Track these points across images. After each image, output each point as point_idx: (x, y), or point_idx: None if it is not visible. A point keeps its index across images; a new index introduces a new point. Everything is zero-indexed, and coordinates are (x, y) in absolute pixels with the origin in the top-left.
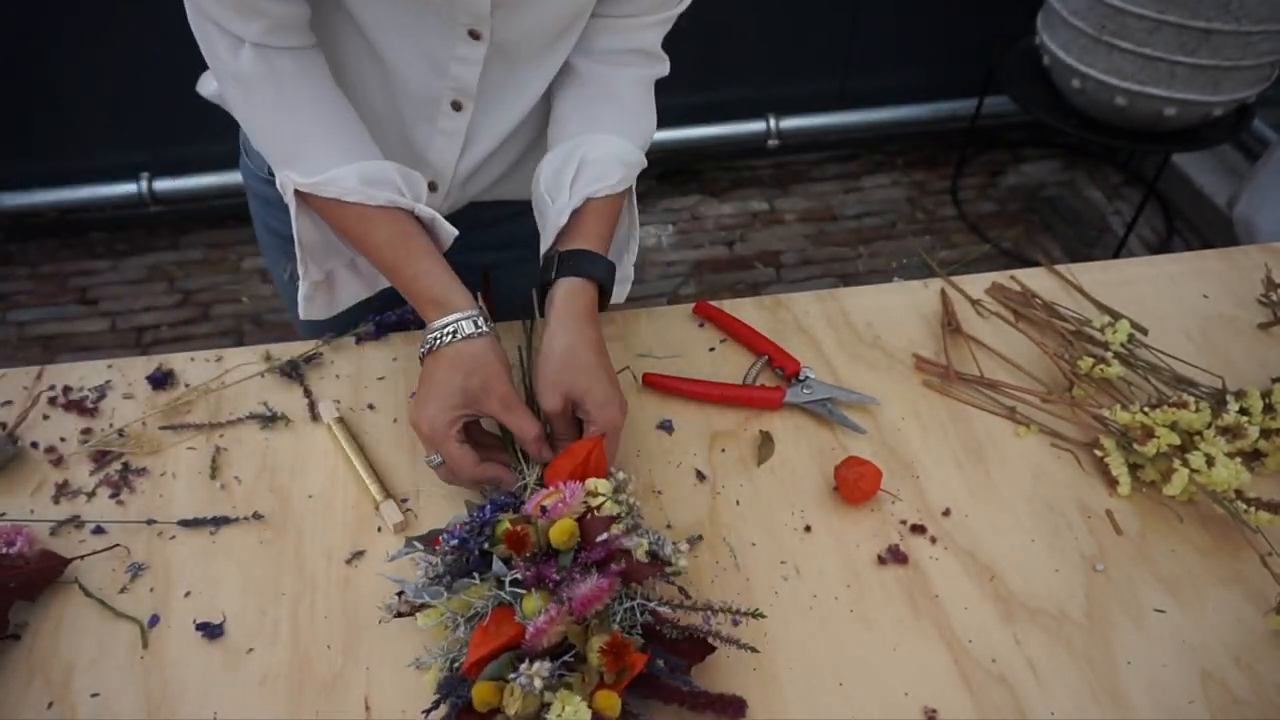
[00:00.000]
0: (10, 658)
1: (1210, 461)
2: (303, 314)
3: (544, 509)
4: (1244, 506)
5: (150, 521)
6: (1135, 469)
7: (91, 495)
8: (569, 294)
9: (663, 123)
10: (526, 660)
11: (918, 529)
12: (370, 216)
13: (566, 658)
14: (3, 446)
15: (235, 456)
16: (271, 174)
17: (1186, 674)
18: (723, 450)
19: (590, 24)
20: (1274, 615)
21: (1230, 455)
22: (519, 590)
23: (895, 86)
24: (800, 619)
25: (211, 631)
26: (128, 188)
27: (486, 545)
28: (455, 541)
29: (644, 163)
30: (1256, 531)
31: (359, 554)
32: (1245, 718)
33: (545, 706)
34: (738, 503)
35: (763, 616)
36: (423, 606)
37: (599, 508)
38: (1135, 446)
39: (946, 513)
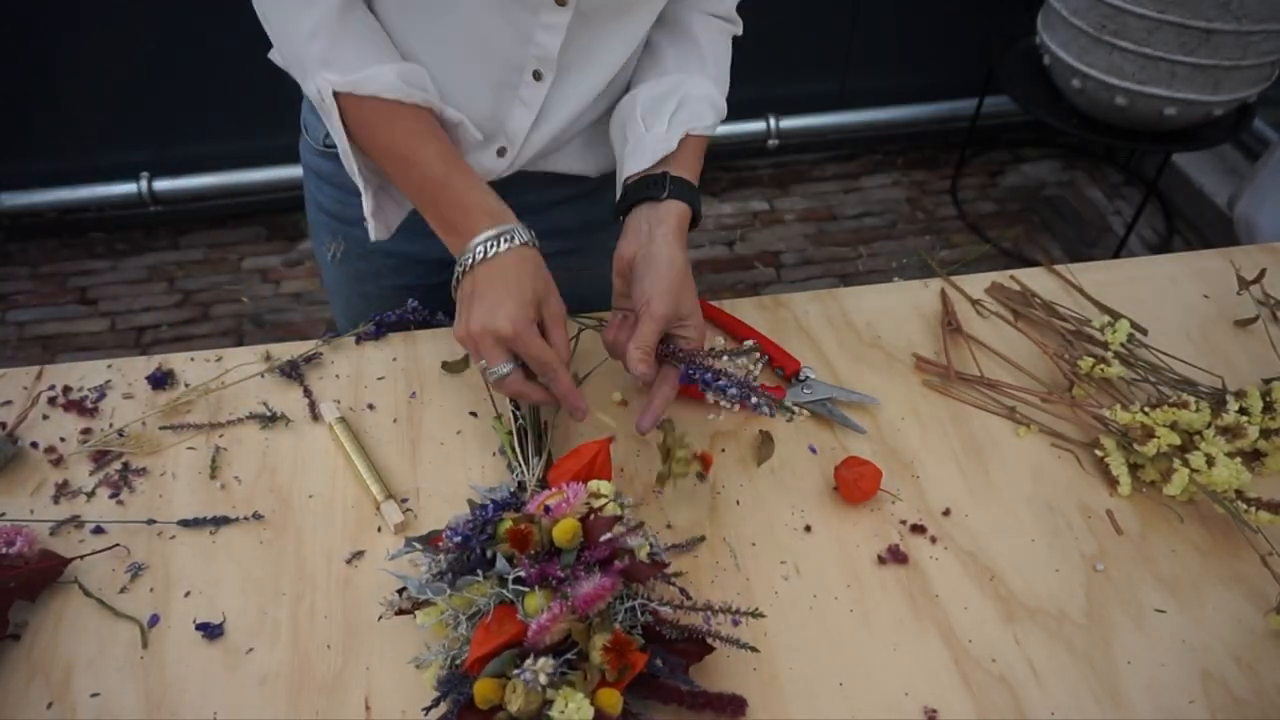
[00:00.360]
0: (10, 658)
1: (1210, 461)
2: (374, 234)
3: (547, 508)
4: (1244, 506)
5: (150, 521)
6: (1135, 469)
7: (91, 495)
8: (681, 217)
9: None
10: (531, 657)
11: (918, 529)
12: (417, 128)
13: (569, 655)
14: (2, 446)
15: (235, 456)
16: (328, 143)
17: (1186, 674)
18: (723, 450)
19: None
20: (1274, 615)
21: (1230, 455)
22: (521, 588)
23: (895, 86)
24: (800, 619)
25: (211, 631)
26: (128, 188)
27: (488, 543)
28: (458, 539)
29: (725, 112)
30: (1257, 531)
31: (359, 554)
32: (1245, 718)
33: (546, 704)
34: (738, 503)
35: (762, 616)
36: (424, 604)
37: (601, 509)
38: (1135, 446)
39: (946, 513)
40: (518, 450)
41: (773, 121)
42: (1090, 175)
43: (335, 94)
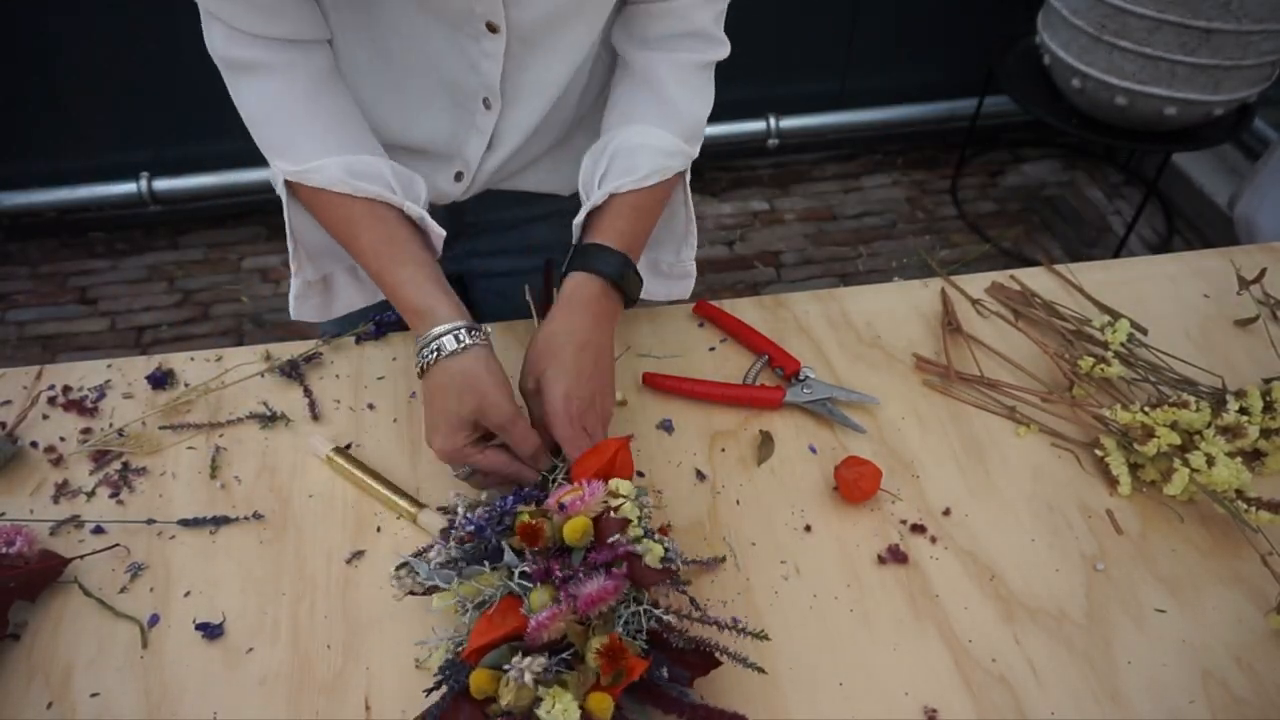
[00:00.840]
0: (10, 658)
1: (1210, 461)
2: (293, 313)
3: (562, 505)
4: (1244, 506)
5: (150, 521)
6: (1135, 469)
7: (91, 495)
8: (572, 287)
9: None
10: (520, 654)
11: (918, 529)
12: (356, 215)
13: (565, 655)
14: (2, 446)
15: (235, 456)
16: None
17: (1187, 674)
18: (723, 450)
19: (639, 11)
20: (1274, 615)
21: (1230, 455)
22: (528, 583)
23: (895, 86)
24: (800, 619)
25: (211, 631)
26: (128, 188)
27: (503, 535)
28: (472, 528)
29: (687, 150)
30: (1257, 531)
31: (359, 554)
32: (1245, 718)
33: (539, 702)
34: (738, 502)
35: (767, 639)
36: (436, 588)
37: (618, 509)
38: (1135, 446)
39: (946, 512)
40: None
41: (773, 121)
42: (1090, 175)
43: (285, 181)
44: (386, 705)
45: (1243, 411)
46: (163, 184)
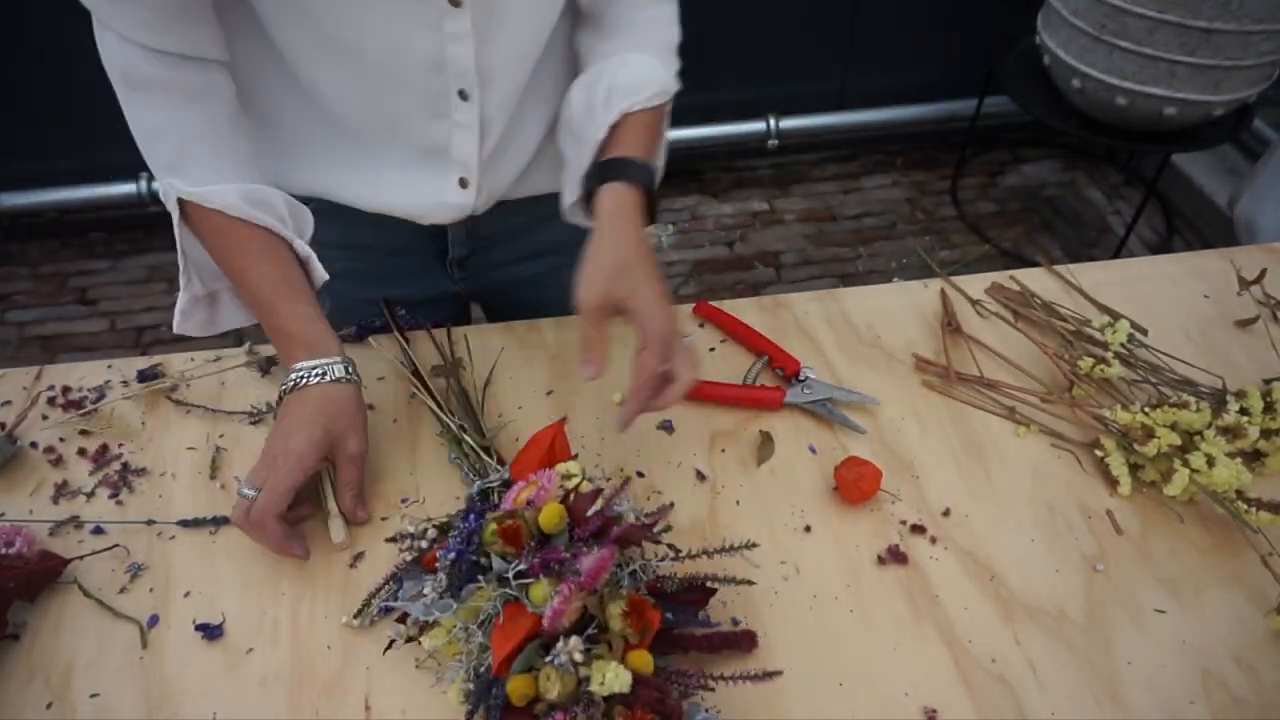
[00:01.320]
0: (10, 658)
1: (1210, 461)
2: (177, 328)
3: (529, 501)
4: (1244, 506)
5: (150, 521)
6: (1135, 469)
7: (91, 495)
8: (610, 197)
9: None
10: (561, 639)
11: (918, 529)
12: (251, 247)
13: (589, 631)
14: (2, 446)
15: (235, 456)
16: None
17: (1187, 674)
18: (723, 450)
19: None
20: (1274, 615)
21: (1230, 455)
22: (524, 582)
23: (895, 86)
24: (800, 619)
25: (211, 632)
26: (128, 188)
27: (478, 551)
28: (453, 555)
29: (671, 73)
30: (1257, 531)
31: (359, 555)
32: (1246, 718)
33: (582, 682)
34: (738, 503)
35: (755, 546)
36: (427, 627)
37: (577, 487)
38: (1135, 446)
39: (946, 513)
40: (479, 453)
41: (773, 121)
42: (1090, 175)
43: (180, 200)
44: (386, 705)
45: (1243, 412)
46: None
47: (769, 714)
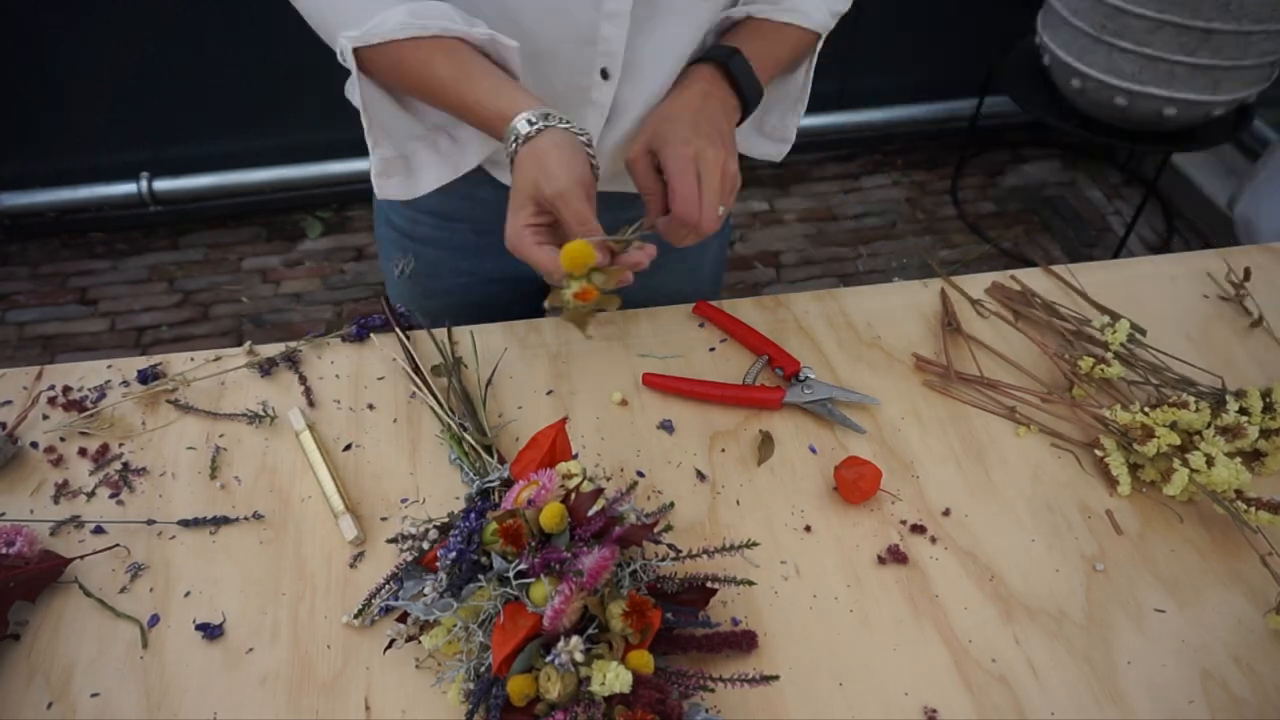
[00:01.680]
0: (10, 658)
1: (1210, 461)
2: (378, 192)
3: (530, 501)
4: (1244, 506)
5: (150, 521)
6: (1135, 469)
7: (91, 495)
8: (690, 72)
9: None
10: (562, 639)
11: (918, 529)
12: (426, 56)
13: (590, 631)
14: (2, 446)
15: (235, 456)
16: None
17: (1186, 674)
18: (723, 450)
19: None
20: (1274, 615)
21: (1230, 455)
22: (525, 581)
23: (895, 86)
24: (800, 619)
25: (211, 632)
26: (128, 188)
27: (478, 551)
28: (453, 554)
29: (823, 12)
30: (1256, 531)
31: (359, 555)
32: (1245, 718)
33: (582, 683)
34: (738, 503)
35: (755, 545)
36: (427, 626)
37: (578, 487)
38: (1135, 446)
39: (946, 513)
40: (480, 453)
41: None
42: (1090, 175)
43: (355, 50)
44: (386, 705)
45: (1242, 412)
46: (163, 184)
47: (769, 714)
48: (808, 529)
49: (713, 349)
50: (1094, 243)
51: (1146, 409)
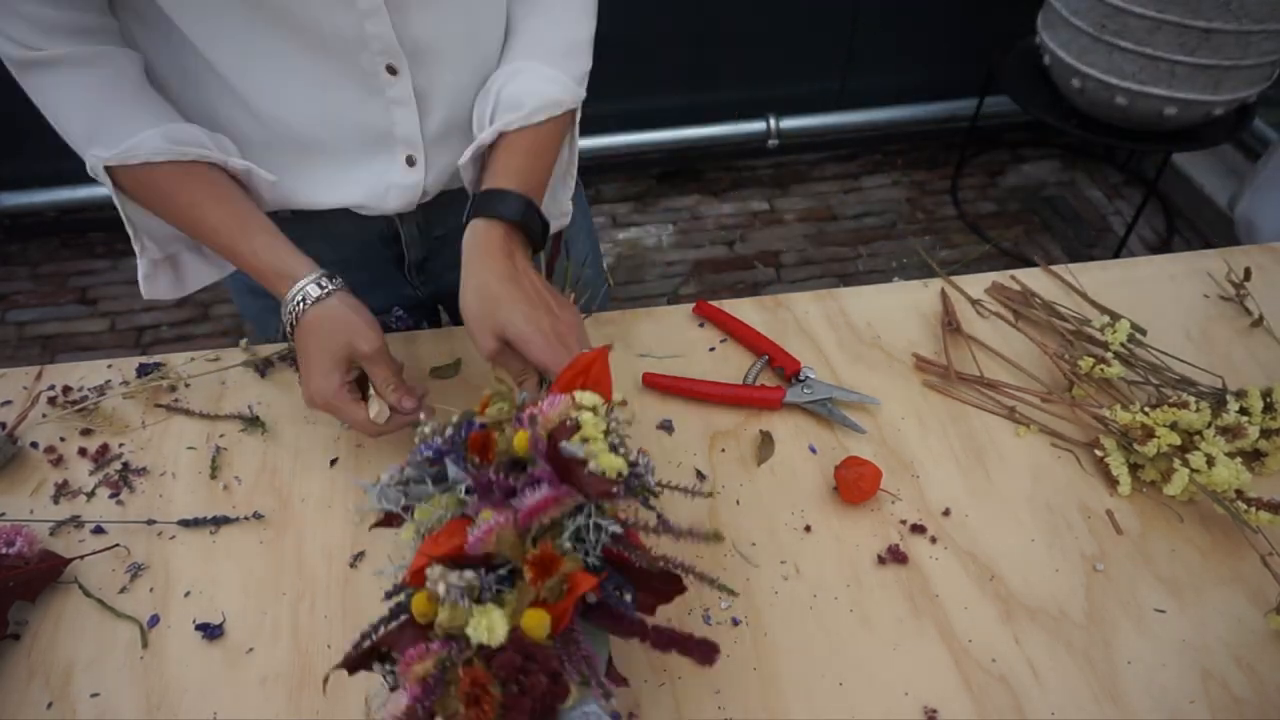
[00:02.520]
0: (10, 658)
1: (1210, 461)
2: (146, 294)
3: (534, 418)
4: (1244, 506)
5: (150, 521)
6: (1135, 469)
7: (91, 495)
8: (474, 235)
9: (663, 123)
10: (442, 567)
11: (918, 529)
12: (191, 193)
13: (501, 571)
14: (3, 446)
15: (235, 456)
16: None
17: (1186, 674)
18: (723, 450)
19: None
20: (1274, 615)
21: (1230, 455)
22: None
23: (895, 86)
24: (800, 619)
25: (211, 632)
26: None
27: (457, 460)
28: (430, 454)
29: (574, 86)
30: (1257, 531)
31: (359, 554)
32: (1245, 718)
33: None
34: (738, 503)
35: (734, 594)
36: (399, 518)
37: (579, 421)
38: (1135, 446)
39: (946, 512)
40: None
41: (773, 121)
42: (1090, 175)
43: (108, 168)
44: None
45: (1243, 412)
46: None
47: (769, 714)
48: (808, 529)
49: (713, 349)
50: (1094, 243)
51: (1147, 409)
